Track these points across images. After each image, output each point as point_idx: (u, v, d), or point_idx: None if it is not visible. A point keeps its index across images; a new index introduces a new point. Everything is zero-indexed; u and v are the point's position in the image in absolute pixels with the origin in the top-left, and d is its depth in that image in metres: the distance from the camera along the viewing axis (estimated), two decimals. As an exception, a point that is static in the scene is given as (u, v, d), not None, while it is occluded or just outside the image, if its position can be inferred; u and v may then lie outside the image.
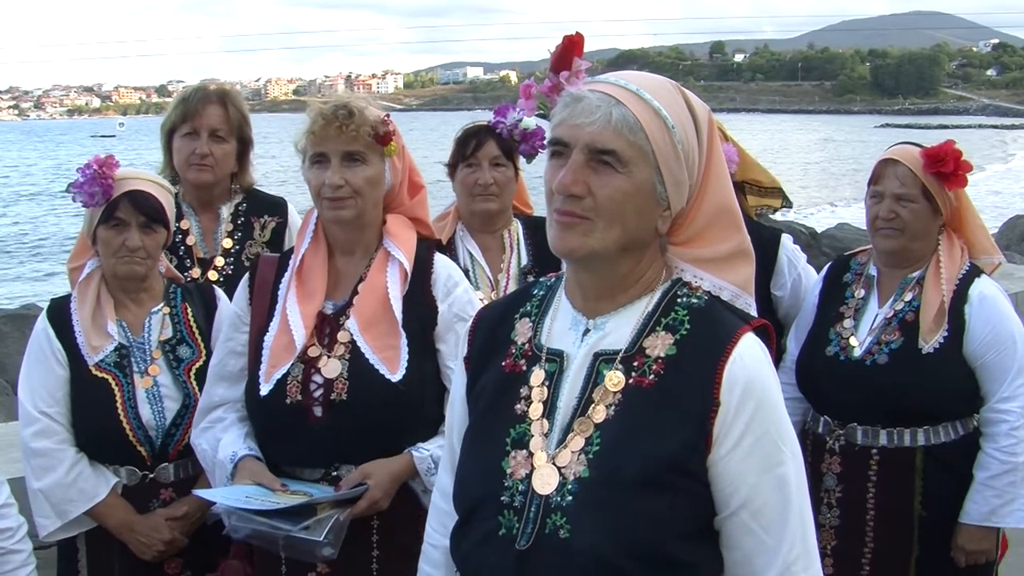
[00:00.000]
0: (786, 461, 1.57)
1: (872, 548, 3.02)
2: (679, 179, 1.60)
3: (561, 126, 1.59)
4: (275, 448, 2.44)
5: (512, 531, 1.58)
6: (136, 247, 2.69)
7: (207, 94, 3.24)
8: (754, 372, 1.57)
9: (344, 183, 2.37)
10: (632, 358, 1.61)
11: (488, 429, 1.68)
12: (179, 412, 2.70)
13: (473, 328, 1.82)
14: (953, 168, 2.95)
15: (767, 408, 1.57)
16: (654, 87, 1.60)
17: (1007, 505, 2.92)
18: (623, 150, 1.55)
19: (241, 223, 3.31)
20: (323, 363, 2.39)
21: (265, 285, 2.51)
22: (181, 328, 2.81)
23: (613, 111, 1.54)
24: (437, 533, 1.85)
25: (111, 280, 2.77)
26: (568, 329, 1.68)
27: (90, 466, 2.67)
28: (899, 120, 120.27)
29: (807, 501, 1.61)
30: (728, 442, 1.54)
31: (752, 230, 3.51)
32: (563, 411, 1.62)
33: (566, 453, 1.58)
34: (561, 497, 1.56)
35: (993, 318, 2.95)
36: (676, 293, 1.65)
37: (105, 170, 2.67)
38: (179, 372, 2.74)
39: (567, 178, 1.55)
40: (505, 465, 1.62)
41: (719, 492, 1.56)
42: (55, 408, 2.67)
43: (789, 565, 1.55)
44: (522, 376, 1.68)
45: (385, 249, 2.50)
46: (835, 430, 3.06)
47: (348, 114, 2.34)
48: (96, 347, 2.69)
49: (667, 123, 1.58)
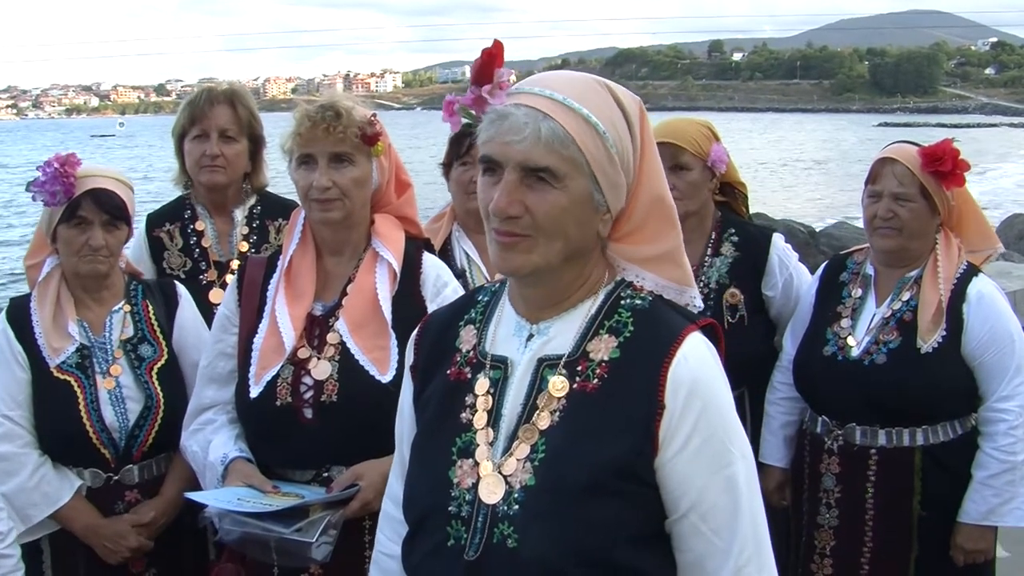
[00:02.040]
0: (735, 462, 1.55)
1: (871, 548, 3.01)
2: (615, 182, 1.58)
3: (490, 144, 1.55)
4: (266, 450, 2.42)
5: (460, 541, 1.56)
6: (99, 246, 2.66)
7: (214, 95, 3.22)
8: (699, 373, 1.54)
9: (332, 184, 2.36)
10: (576, 362, 1.59)
11: (434, 438, 1.66)
12: (142, 413, 2.68)
13: (419, 336, 1.79)
14: (951, 167, 2.93)
15: (714, 409, 1.55)
16: (580, 92, 1.56)
17: (1006, 504, 2.91)
18: (556, 165, 1.51)
19: (256, 226, 3.29)
20: (313, 365, 2.38)
21: (253, 286, 2.49)
22: (142, 326, 2.78)
23: (542, 126, 1.50)
24: (389, 541, 1.82)
25: (72, 279, 2.74)
26: (512, 335, 1.66)
27: (54, 469, 2.64)
28: (897, 119, 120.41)
29: (759, 502, 1.59)
30: (675, 444, 1.52)
31: (743, 230, 3.53)
32: (508, 418, 1.60)
33: (512, 461, 1.56)
34: (508, 506, 1.54)
35: (991, 317, 2.94)
36: (619, 295, 1.63)
37: (67, 168, 2.63)
38: (141, 372, 2.72)
39: (502, 201, 1.52)
40: (452, 475, 1.60)
41: (668, 495, 1.54)
42: (17, 411, 2.64)
43: (741, 567, 1.53)
44: (467, 384, 1.66)
45: (374, 249, 2.49)
46: (834, 430, 3.05)
47: (335, 115, 2.33)
48: (57, 349, 2.67)
49: (598, 129, 1.54)
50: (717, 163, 3.32)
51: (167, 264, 3.20)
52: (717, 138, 3.38)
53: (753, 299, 3.36)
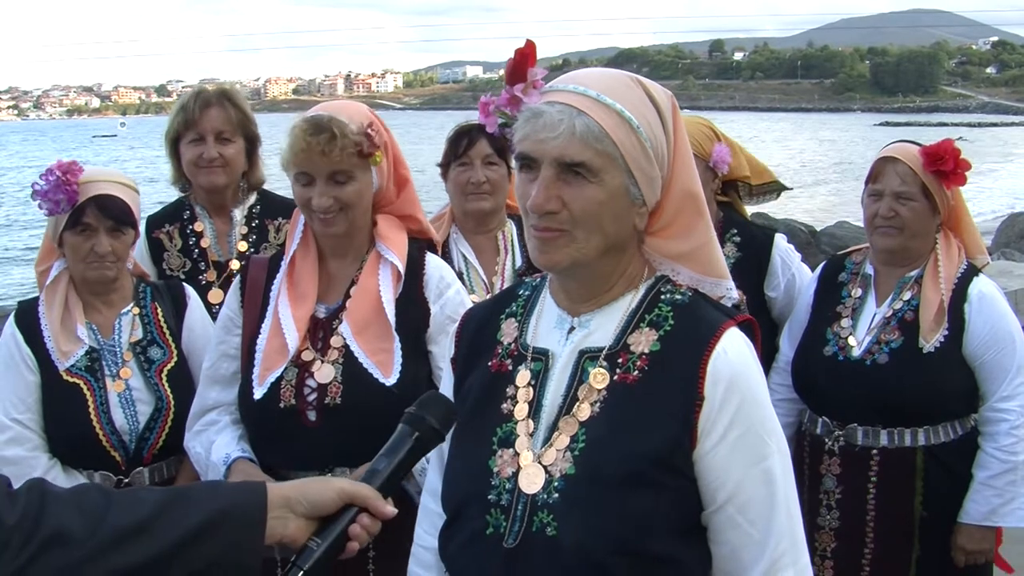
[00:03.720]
0: (772, 455, 1.57)
1: (872, 549, 3.00)
2: (651, 176, 1.60)
3: (526, 141, 1.58)
4: (269, 451, 2.42)
5: (500, 530, 1.59)
6: (105, 252, 2.66)
7: (206, 97, 3.22)
8: (738, 366, 1.57)
9: (333, 201, 2.35)
10: (616, 355, 1.62)
11: (475, 429, 1.69)
12: (152, 416, 2.68)
13: (460, 329, 1.83)
14: (952, 167, 2.93)
15: (752, 402, 1.57)
16: (613, 87, 1.59)
17: (1007, 504, 2.91)
18: (592, 160, 1.54)
19: (255, 226, 3.29)
20: (317, 368, 2.38)
21: (256, 287, 2.49)
22: (151, 329, 2.79)
23: (576, 122, 1.53)
24: (427, 534, 1.85)
25: (80, 283, 2.74)
26: (553, 328, 1.69)
27: (64, 472, 2.64)
28: (899, 118, 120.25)
29: (794, 495, 1.61)
30: (713, 437, 1.55)
31: (745, 230, 3.52)
32: (548, 409, 1.63)
33: (552, 451, 1.59)
34: (548, 495, 1.56)
35: (993, 317, 2.94)
36: (660, 290, 1.66)
37: (69, 176, 2.62)
38: (151, 374, 2.72)
39: (539, 197, 1.55)
40: (492, 464, 1.63)
41: (705, 487, 1.56)
42: (27, 415, 2.63)
43: (776, 559, 1.55)
44: (508, 376, 1.69)
45: (377, 251, 2.49)
46: (834, 431, 3.05)
47: (330, 137, 2.29)
48: (66, 352, 2.66)
49: (632, 124, 1.56)
50: (719, 163, 3.32)
51: (167, 265, 3.20)
52: (719, 138, 3.38)
53: (755, 300, 3.36)
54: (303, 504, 1.46)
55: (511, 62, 1.62)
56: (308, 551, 1.47)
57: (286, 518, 1.45)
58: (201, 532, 1.36)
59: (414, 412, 1.60)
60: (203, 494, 1.44)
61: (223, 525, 1.39)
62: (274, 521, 1.44)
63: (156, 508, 1.37)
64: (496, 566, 1.57)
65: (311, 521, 1.48)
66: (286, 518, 1.45)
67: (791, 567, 1.57)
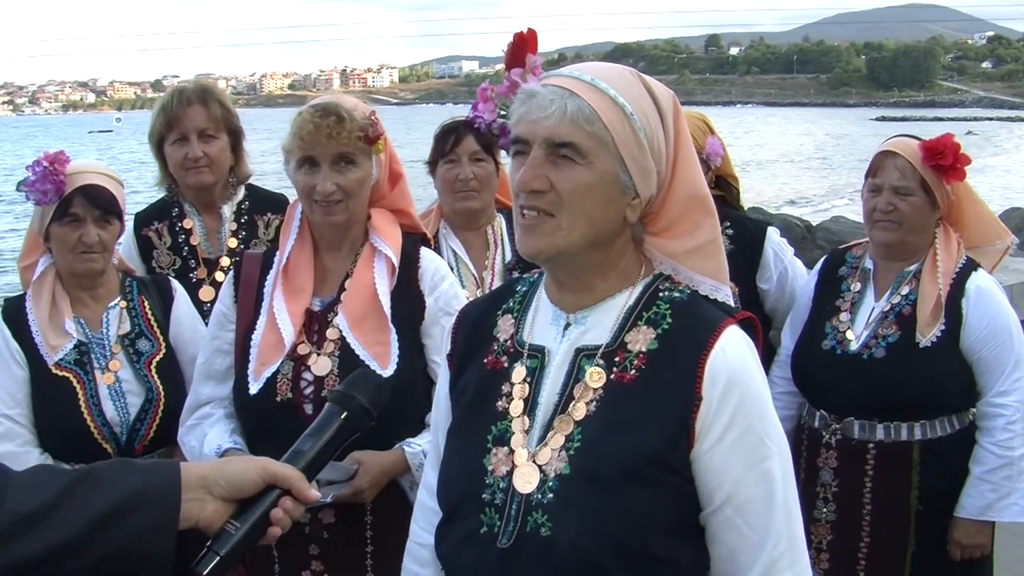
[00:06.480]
0: (771, 456, 1.55)
1: (868, 543, 3.01)
2: (644, 167, 1.58)
3: (519, 124, 1.58)
4: (266, 446, 2.39)
5: (494, 529, 1.57)
6: (93, 242, 2.66)
7: (186, 96, 3.20)
8: (737, 365, 1.55)
9: (336, 188, 2.36)
10: (613, 353, 1.59)
11: (470, 426, 1.67)
12: (143, 407, 2.69)
13: (456, 325, 1.81)
14: (952, 161, 2.93)
15: (751, 402, 1.55)
16: (610, 75, 1.58)
17: (1003, 499, 2.92)
18: (581, 141, 1.53)
19: (245, 222, 3.28)
20: (313, 361, 2.38)
21: (250, 282, 2.49)
22: (139, 321, 2.79)
23: (568, 103, 1.53)
24: (423, 531, 1.83)
25: (67, 277, 2.74)
26: (549, 325, 1.67)
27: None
28: (895, 113, 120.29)
29: (794, 496, 1.59)
30: (711, 437, 1.52)
31: (738, 223, 3.53)
32: (544, 407, 1.61)
33: (547, 451, 1.57)
34: (542, 495, 1.54)
35: (990, 312, 2.94)
36: (658, 287, 1.64)
37: (56, 167, 2.63)
38: (140, 366, 2.73)
39: (527, 174, 1.54)
40: (486, 463, 1.61)
41: (703, 487, 1.54)
42: (16, 410, 2.63)
43: (775, 561, 1.54)
44: (504, 373, 1.67)
45: (371, 244, 2.49)
46: (832, 424, 3.05)
47: (338, 120, 2.32)
48: (55, 346, 2.66)
49: (625, 110, 1.55)
50: (712, 156, 3.32)
51: (156, 263, 3.19)
52: (712, 131, 3.38)
53: (748, 292, 3.36)
54: (221, 485, 1.40)
55: (511, 45, 1.62)
56: (225, 535, 1.40)
57: (203, 500, 1.38)
58: (109, 517, 1.29)
59: (342, 391, 1.57)
60: (112, 475, 1.35)
61: (133, 509, 1.31)
62: (189, 503, 1.36)
63: (60, 492, 1.29)
64: (490, 566, 1.55)
65: (229, 503, 1.41)
66: (203, 500, 1.38)
67: (789, 570, 1.55)
